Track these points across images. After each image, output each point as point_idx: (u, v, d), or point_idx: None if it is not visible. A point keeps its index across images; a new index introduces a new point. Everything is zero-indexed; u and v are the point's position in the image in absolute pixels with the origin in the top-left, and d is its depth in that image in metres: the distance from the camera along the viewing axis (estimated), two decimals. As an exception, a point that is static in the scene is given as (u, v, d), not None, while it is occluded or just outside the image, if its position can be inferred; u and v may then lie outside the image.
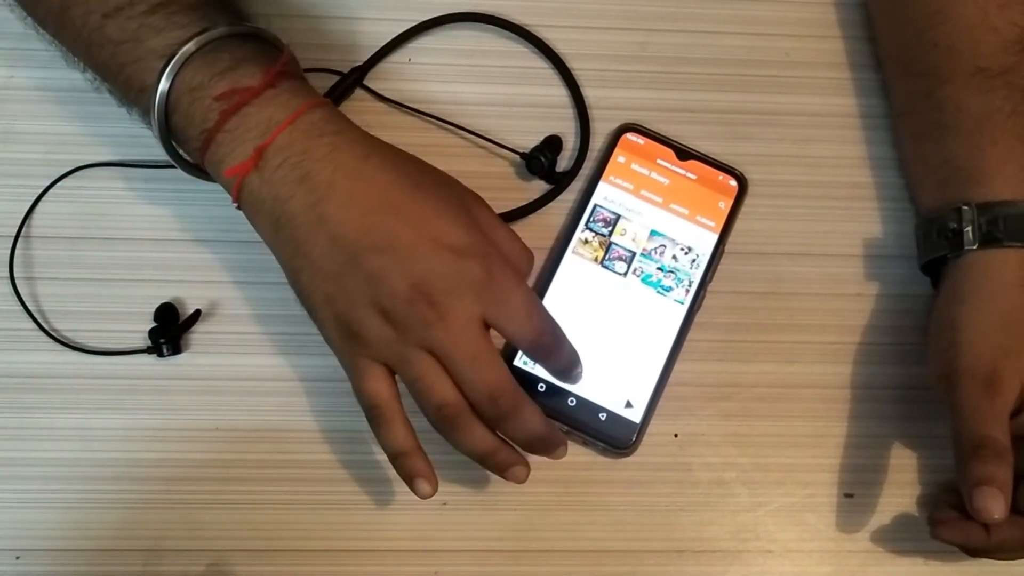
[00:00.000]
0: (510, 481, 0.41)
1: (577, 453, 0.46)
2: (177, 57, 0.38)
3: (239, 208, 0.41)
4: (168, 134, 0.40)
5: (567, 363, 0.42)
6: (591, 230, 0.48)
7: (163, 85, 0.39)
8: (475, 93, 0.51)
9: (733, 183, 0.49)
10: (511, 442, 0.41)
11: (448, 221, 0.39)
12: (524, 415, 0.40)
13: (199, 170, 0.42)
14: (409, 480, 0.40)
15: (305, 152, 0.39)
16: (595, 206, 0.48)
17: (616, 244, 0.48)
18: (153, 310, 0.46)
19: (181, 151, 0.42)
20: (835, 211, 0.51)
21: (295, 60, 0.42)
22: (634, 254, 0.48)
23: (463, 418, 0.40)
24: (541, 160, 0.48)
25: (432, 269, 0.38)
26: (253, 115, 0.39)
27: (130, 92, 0.41)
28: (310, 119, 0.39)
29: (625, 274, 0.48)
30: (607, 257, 0.48)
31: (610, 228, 0.48)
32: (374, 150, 0.40)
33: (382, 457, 0.45)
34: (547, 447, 0.41)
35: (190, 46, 0.38)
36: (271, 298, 0.47)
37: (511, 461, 0.41)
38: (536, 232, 0.49)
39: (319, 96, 0.41)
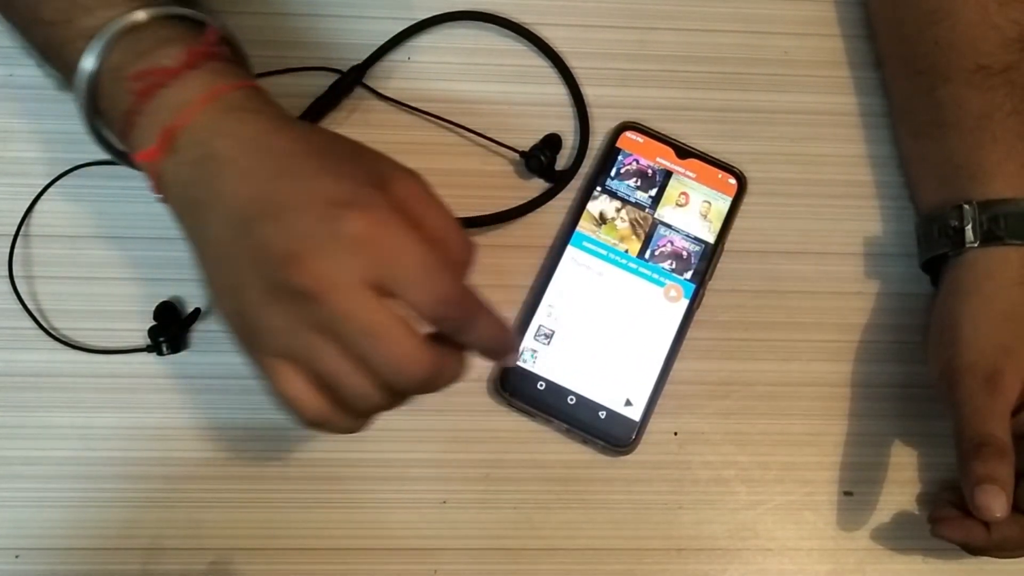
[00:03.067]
0: None
1: (576, 451, 0.46)
2: (100, 36, 0.36)
3: (163, 200, 0.37)
4: (94, 119, 0.38)
5: (490, 341, 0.35)
6: (590, 228, 0.48)
7: (86, 65, 0.36)
8: (474, 91, 0.51)
9: (732, 181, 0.49)
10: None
11: (336, 176, 0.33)
12: (448, 374, 0.35)
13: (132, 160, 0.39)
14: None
15: (212, 131, 0.35)
16: (594, 205, 0.48)
17: (615, 242, 0.48)
18: (153, 308, 0.46)
19: (114, 140, 0.40)
20: (834, 209, 0.51)
21: (231, 43, 0.39)
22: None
23: (395, 406, 0.35)
24: (540, 158, 0.48)
25: (307, 229, 0.32)
26: (168, 96, 0.36)
27: (67, 75, 0.39)
28: (228, 100, 0.36)
29: (625, 271, 0.48)
30: (607, 255, 0.48)
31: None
32: (287, 125, 0.36)
33: (383, 455, 0.46)
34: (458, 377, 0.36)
35: (116, 25, 0.36)
36: (270, 296, 0.47)
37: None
38: (535, 230, 0.49)
39: (250, 79, 0.38)
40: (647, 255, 0.48)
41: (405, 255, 0.32)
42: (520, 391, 0.46)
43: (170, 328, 0.46)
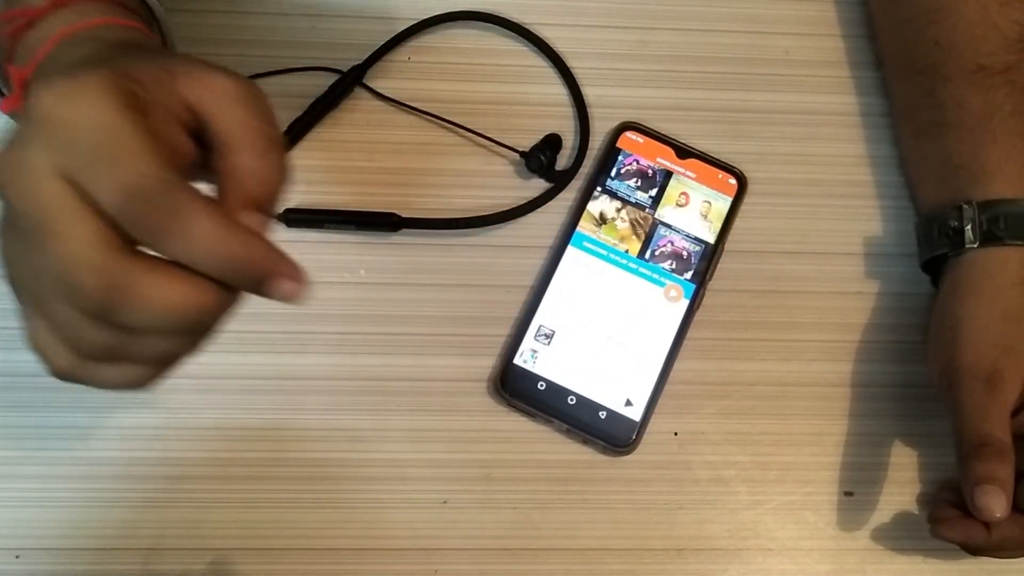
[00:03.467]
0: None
1: (577, 451, 0.46)
2: None
3: None
4: None
5: (214, 256, 0.26)
6: (591, 229, 0.48)
7: None
8: (475, 91, 0.51)
9: (732, 181, 0.49)
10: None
11: (88, 68, 0.27)
12: (159, 297, 0.26)
13: None
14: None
15: (53, 65, 0.31)
16: (594, 205, 0.48)
17: (616, 242, 0.48)
18: (153, 309, 0.46)
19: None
20: (835, 209, 0.51)
21: None
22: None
23: (140, 353, 0.28)
24: (541, 158, 0.48)
25: (19, 121, 0.27)
26: (31, 38, 0.32)
27: None
28: (85, 34, 0.31)
29: (625, 272, 0.48)
30: (607, 255, 0.48)
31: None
32: (126, 47, 0.31)
33: (382, 455, 0.46)
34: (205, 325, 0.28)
35: None
36: (271, 297, 0.47)
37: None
38: (536, 230, 0.49)
39: (125, 18, 0.33)
40: (647, 255, 0.48)
41: (85, 132, 0.25)
42: (520, 391, 0.46)
43: (170, 328, 0.45)
